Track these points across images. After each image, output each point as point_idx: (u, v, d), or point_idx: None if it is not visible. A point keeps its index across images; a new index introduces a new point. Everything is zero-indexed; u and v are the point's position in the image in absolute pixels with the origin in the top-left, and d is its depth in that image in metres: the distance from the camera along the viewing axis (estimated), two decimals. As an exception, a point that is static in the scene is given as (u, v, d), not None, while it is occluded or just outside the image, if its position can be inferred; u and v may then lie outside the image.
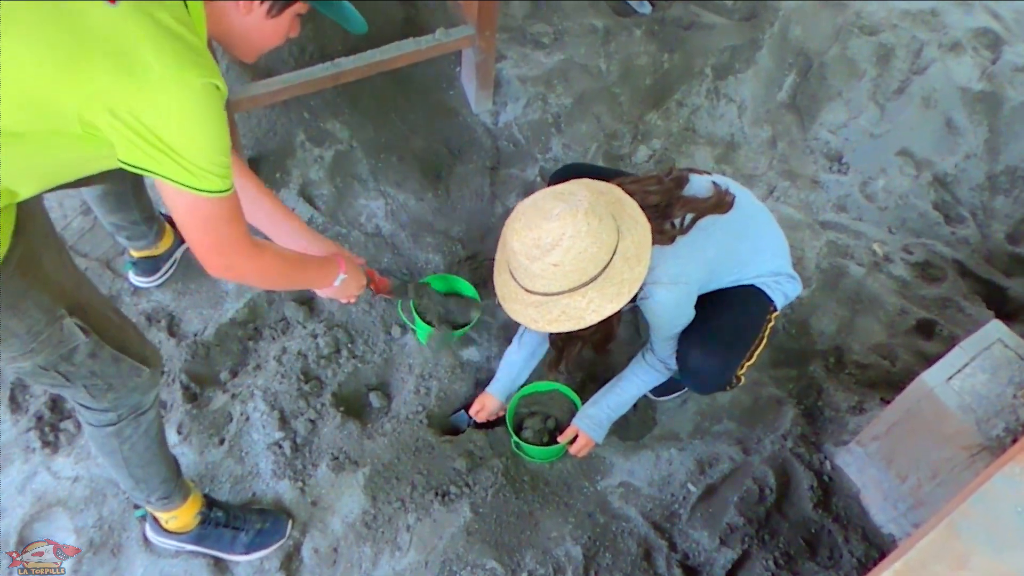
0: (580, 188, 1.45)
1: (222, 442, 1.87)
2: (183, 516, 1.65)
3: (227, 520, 1.71)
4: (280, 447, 1.85)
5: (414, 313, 1.93)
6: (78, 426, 1.88)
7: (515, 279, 1.50)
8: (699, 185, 1.64)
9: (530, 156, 2.46)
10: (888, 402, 1.89)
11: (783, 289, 1.74)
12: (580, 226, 1.37)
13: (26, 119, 1.01)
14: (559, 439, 1.85)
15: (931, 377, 1.50)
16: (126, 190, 1.81)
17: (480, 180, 2.40)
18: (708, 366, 1.68)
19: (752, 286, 1.72)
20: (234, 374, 1.99)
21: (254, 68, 2.24)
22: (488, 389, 1.92)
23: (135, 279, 2.04)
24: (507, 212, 2.33)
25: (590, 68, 2.68)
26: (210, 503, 1.71)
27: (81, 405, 1.40)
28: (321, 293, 1.63)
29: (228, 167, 1.12)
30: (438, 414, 1.95)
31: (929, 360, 1.96)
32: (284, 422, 1.87)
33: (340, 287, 1.60)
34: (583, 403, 1.88)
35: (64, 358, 1.27)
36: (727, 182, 1.72)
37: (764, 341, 1.74)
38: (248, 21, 1.20)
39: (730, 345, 1.69)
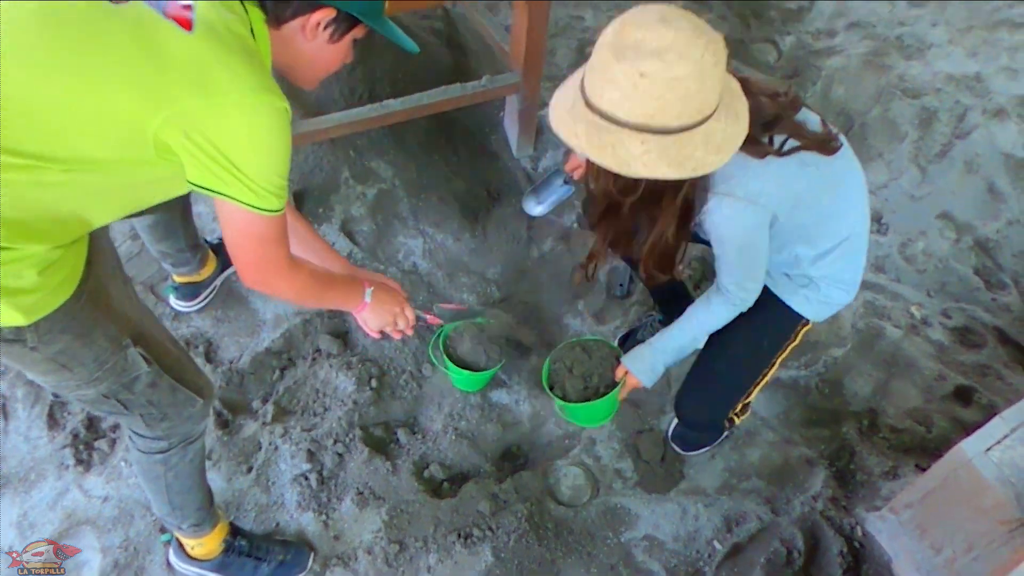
0: (716, 32, 1.20)
1: (250, 470, 1.89)
2: (209, 543, 1.66)
3: (250, 550, 1.71)
4: (307, 479, 1.86)
5: (444, 355, 1.94)
6: (112, 445, 1.91)
7: (583, 91, 1.22)
8: (810, 118, 1.46)
9: (567, 203, 2.48)
10: (923, 469, 1.85)
11: (827, 296, 1.61)
12: (694, 53, 1.12)
13: (105, 145, 1.06)
14: (616, 377, 1.71)
15: (969, 447, 1.47)
16: (175, 219, 1.87)
17: (517, 224, 2.43)
18: (697, 416, 1.73)
19: (777, 305, 1.64)
20: (266, 402, 2.01)
21: (305, 106, 2.31)
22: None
23: (176, 303, 2.09)
24: (542, 257, 2.37)
25: (631, 119, 2.72)
26: (234, 531, 1.72)
27: (135, 432, 1.44)
28: (360, 317, 1.56)
29: (286, 188, 1.17)
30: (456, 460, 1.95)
31: (966, 428, 1.93)
32: (312, 454, 1.88)
33: (374, 305, 1.52)
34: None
35: (125, 387, 1.30)
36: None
37: (779, 361, 1.70)
38: (312, 47, 1.24)
39: (724, 390, 1.71)
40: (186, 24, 1.06)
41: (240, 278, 1.27)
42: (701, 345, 1.67)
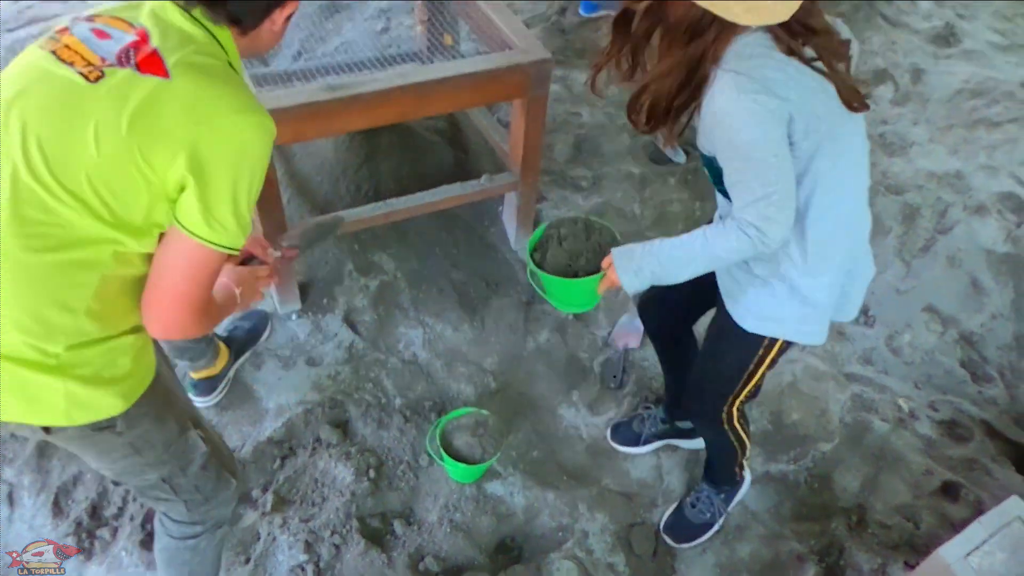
0: None
1: (248, 561, 1.92)
2: None
3: None
4: (303, 570, 1.88)
5: (440, 448, 2.00)
6: (114, 533, 1.95)
7: None
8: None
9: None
10: (912, 567, 1.87)
11: (791, 311, 1.47)
12: None
13: (142, 217, 1.11)
14: (602, 266, 1.51)
15: (948, 552, 1.51)
16: None
17: (515, 314, 2.51)
18: (694, 409, 1.76)
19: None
20: (266, 491, 2.06)
21: (314, 203, 2.43)
22: None
23: (195, 400, 2.15)
24: (538, 347, 2.44)
25: (625, 212, 2.83)
26: None
27: (171, 520, 1.48)
28: (240, 310, 1.53)
29: (246, 224, 1.15)
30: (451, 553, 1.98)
31: (954, 525, 1.96)
32: (309, 545, 1.92)
33: (245, 301, 1.45)
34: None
35: (182, 469, 1.36)
36: None
37: (760, 374, 1.62)
38: (269, 32, 1.24)
39: (712, 389, 1.70)
40: (164, 72, 1.08)
41: (152, 317, 1.18)
42: (700, 272, 1.43)
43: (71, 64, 1.09)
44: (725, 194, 1.40)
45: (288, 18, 1.23)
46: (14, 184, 1.08)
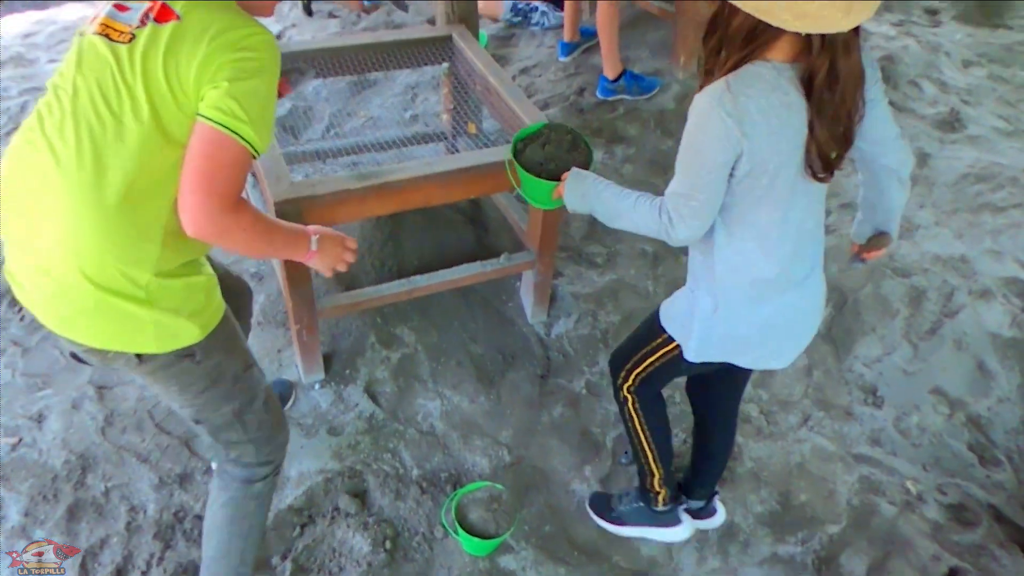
0: None
1: (265, 629, 1.97)
2: None
3: None
4: (319, 640, 1.93)
5: (455, 522, 2.06)
6: (136, 598, 2.01)
7: None
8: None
9: (578, 369, 2.65)
10: (918, 655, 1.89)
11: (686, 320, 1.66)
12: None
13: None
14: (561, 177, 1.68)
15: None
16: None
17: (530, 388, 2.59)
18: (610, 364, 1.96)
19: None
20: (285, 559, 2.11)
21: (339, 278, 2.54)
22: None
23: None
24: (552, 422, 2.51)
25: (639, 289, 2.93)
26: None
27: (240, 465, 1.68)
28: (310, 263, 1.63)
29: (270, 130, 1.36)
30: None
31: (960, 614, 1.98)
32: (325, 616, 1.97)
33: (321, 253, 1.59)
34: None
35: (250, 402, 1.60)
36: None
37: (651, 361, 1.81)
38: None
39: (622, 346, 1.91)
40: (175, 16, 1.33)
41: (189, 217, 1.31)
42: (627, 228, 1.59)
43: (107, 36, 1.36)
44: None
45: None
46: (90, 135, 1.32)
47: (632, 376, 1.87)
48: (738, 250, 1.53)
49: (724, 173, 1.42)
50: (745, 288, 1.58)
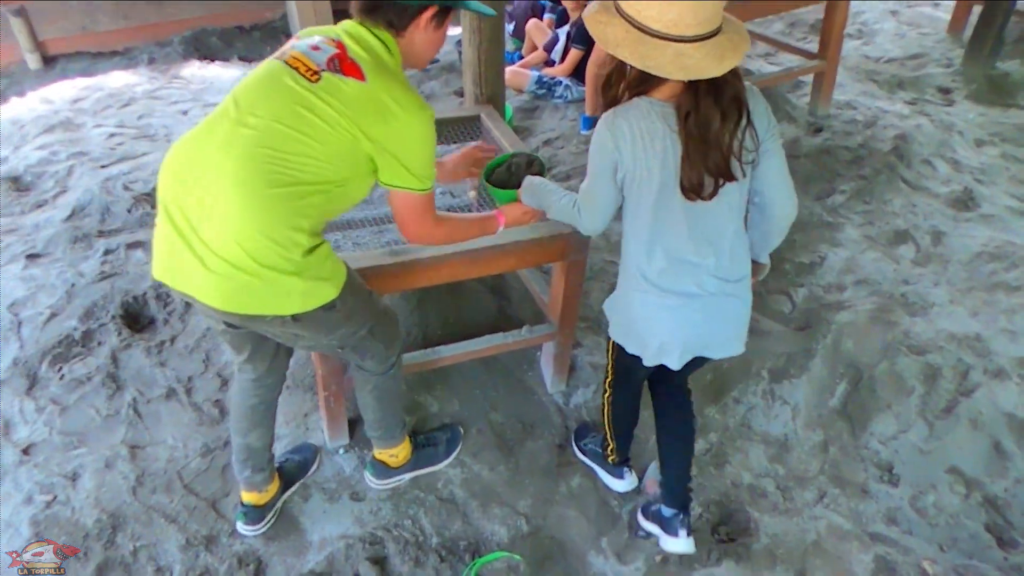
0: None
1: None
2: (406, 445, 2.41)
3: (425, 441, 2.51)
4: None
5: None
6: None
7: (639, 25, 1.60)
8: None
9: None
10: None
11: (618, 316, 2.04)
12: None
13: (347, 171, 1.73)
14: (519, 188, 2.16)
15: None
16: (269, 409, 2.25)
17: (548, 457, 2.64)
18: None
19: None
20: (304, 624, 2.15)
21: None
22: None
23: (243, 528, 2.30)
24: (570, 492, 2.55)
25: (656, 361, 2.99)
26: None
27: (376, 362, 2.11)
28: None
29: (433, 173, 1.82)
30: None
31: None
32: None
33: (509, 224, 2.17)
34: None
35: (376, 321, 2.01)
36: None
37: (610, 365, 2.24)
38: (424, 38, 1.81)
39: None
40: (361, 77, 1.69)
41: (406, 238, 1.93)
42: (555, 216, 2.03)
43: (296, 69, 1.70)
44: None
45: (435, 22, 1.80)
46: (261, 148, 1.65)
47: (606, 382, 2.30)
48: (629, 244, 1.89)
49: (608, 176, 1.77)
50: (634, 279, 1.89)
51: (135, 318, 3.15)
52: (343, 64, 1.69)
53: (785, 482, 2.64)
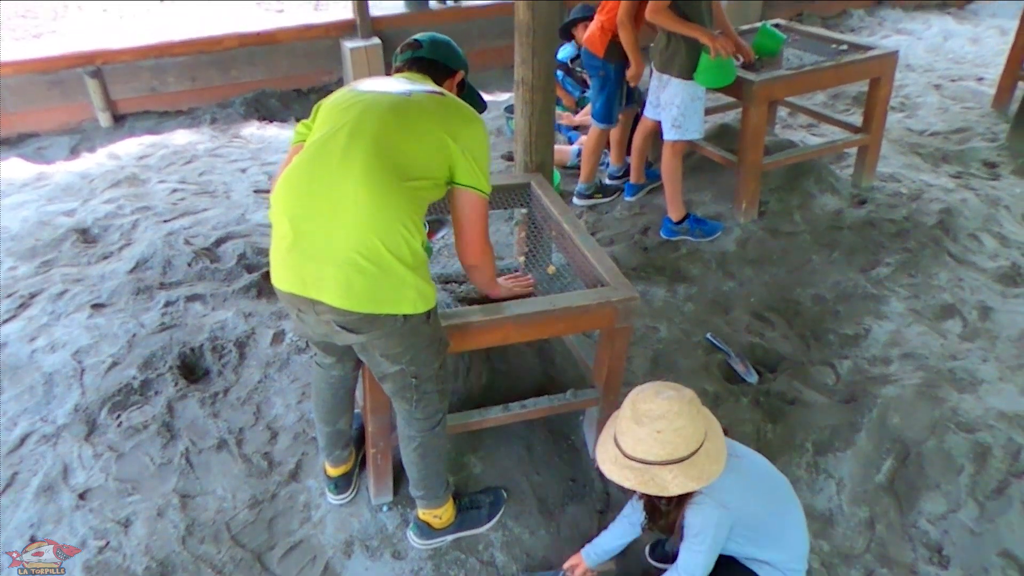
0: (688, 390, 1.99)
1: None
2: (450, 507, 2.44)
3: (470, 503, 2.53)
4: None
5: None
6: None
7: (618, 446, 1.92)
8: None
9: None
10: None
11: None
12: (683, 408, 1.89)
13: (441, 171, 2.00)
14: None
15: None
16: (349, 397, 2.48)
17: (589, 523, 2.64)
18: None
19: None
20: None
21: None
22: (582, 551, 2.36)
23: (335, 498, 2.60)
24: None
25: (699, 429, 2.99)
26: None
27: (426, 411, 2.18)
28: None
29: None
30: None
31: None
32: None
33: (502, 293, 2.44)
34: None
35: (441, 360, 2.11)
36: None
37: None
38: (454, 95, 2.18)
39: None
40: (439, 93, 2.09)
41: (465, 255, 2.19)
42: None
43: (387, 92, 2.03)
44: None
45: (461, 86, 2.32)
46: (380, 147, 1.91)
47: None
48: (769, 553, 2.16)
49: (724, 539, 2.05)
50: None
51: (191, 369, 3.26)
52: (421, 87, 2.08)
53: (830, 559, 2.60)
